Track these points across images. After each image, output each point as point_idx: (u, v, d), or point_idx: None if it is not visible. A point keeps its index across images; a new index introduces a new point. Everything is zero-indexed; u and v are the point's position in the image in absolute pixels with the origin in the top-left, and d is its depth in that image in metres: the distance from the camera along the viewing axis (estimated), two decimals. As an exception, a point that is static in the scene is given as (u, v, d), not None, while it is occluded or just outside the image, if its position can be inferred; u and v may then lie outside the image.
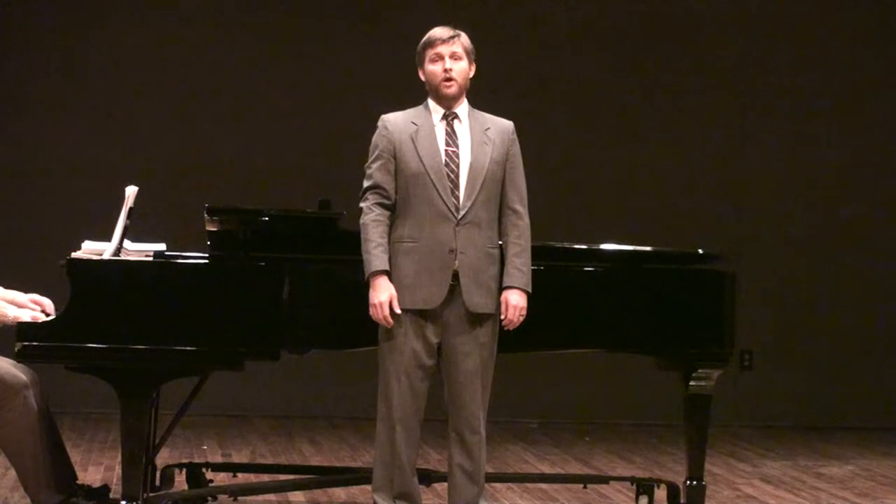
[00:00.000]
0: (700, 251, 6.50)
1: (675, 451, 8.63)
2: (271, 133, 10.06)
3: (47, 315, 5.63)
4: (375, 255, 5.51)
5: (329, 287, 5.83)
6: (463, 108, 5.66)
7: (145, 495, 5.81)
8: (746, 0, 10.49)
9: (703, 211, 10.27)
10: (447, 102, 5.63)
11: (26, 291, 5.75)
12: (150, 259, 5.86)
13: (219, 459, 7.98)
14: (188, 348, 5.62)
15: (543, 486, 7.29)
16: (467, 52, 5.63)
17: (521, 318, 5.60)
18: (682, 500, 6.33)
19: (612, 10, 10.38)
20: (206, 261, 5.98)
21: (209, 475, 6.71)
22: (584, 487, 7.09)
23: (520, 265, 5.61)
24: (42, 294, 5.77)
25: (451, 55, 5.60)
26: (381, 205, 5.57)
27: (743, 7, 10.47)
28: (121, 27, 10.01)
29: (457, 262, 5.53)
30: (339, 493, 6.90)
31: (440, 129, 5.62)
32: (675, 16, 10.42)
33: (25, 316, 5.56)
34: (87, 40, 9.97)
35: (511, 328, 5.62)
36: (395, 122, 5.63)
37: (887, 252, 10.44)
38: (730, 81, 10.43)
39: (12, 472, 6.13)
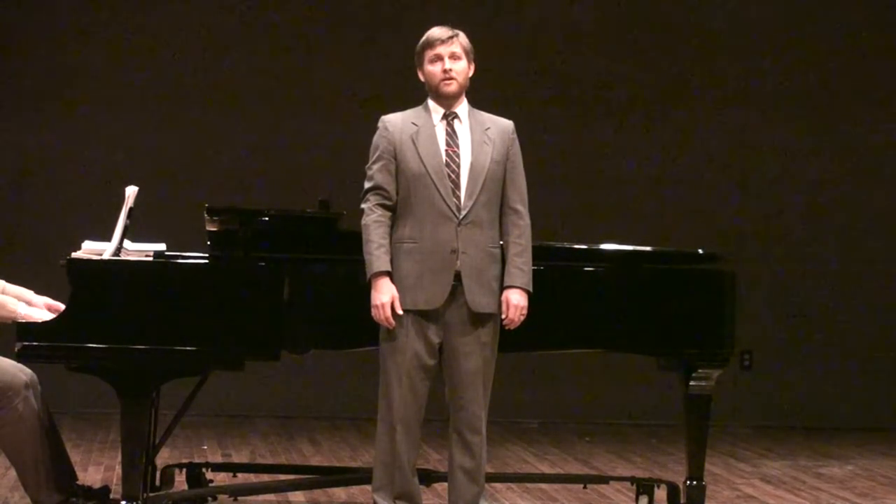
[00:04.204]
0: (700, 251, 6.50)
1: (675, 451, 8.63)
2: (271, 133, 10.06)
3: None
4: (377, 255, 5.51)
5: (329, 287, 5.83)
6: (463, 107, 5.66)
7: (145, 495, 5.80)
8: (747, 0, 10.50)
9: (703, 211, 10.27)
10: (447, 102, 5.62)
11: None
12: (150, 259, 5.86)
13: (219, 459, 7.98)
14: (188, 348, 5.62)
15: (543, 486, 7.29)
16: (466, 52, 5.63)
17: (522, 318, 5.60)
18: (682, 500, 6.33)
19: (613, 9, 10.38)
20: (206, 261, 5.98)
21: (209, 475, 6.71)
22: (584, 487, 7.09)
23: (520, 265, 5.60)
24: (42, 294, 5.77)
25: (450, 55, 5.60)
26: (382, 206, 5.57)
27: (743, 6, 10.47)
28: (121, 27, 10.01)
29: (458, 262, 5.53)
30: (339, 493, 6.90)
31: (440, 129, 5.61)
32: (676, 16, 10.42)
33: (37, 315, 5.56)
34: (87, 40, 9.97)
35: (512, 328, 5.62)
36: (395, 122, 5.63)
37: (887, 252, 10.44)
38: (730, 81, 10.43)
39: (12, 472, 6.13)
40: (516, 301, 5.59)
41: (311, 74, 10.11)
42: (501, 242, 5.64)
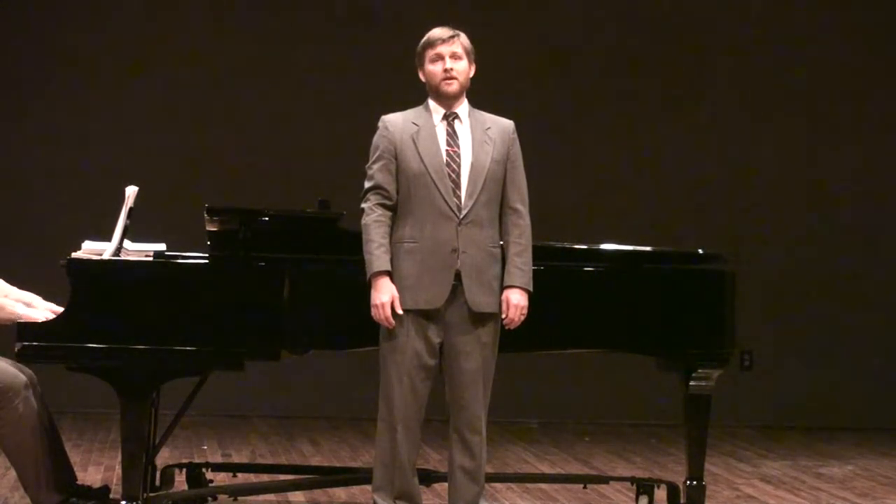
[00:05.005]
0: (700, 251, 6.50)
1: (675, 451, 8.63)
2: (271, 133, 10.06)
3: None
4: (377, 255, 5.51)
5: (329, 287, 5.83)
6: (463, 107, 5.66)
7: (145, 495, 5.81)
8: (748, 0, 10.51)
9: (703, 211, 10.27)
10: (448, 102, 5.63)
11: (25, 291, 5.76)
12: (150, 259, 5.86)
13: (219, 459, 7.98)
14: (188, 348, 5.62)
15: (543, 486, 7.29)
16: (467, 52, 5.63)
17: (522, 318, 5.60)
18: (682, 500, 6.33)
19: (613, 9, 10.38)
20: (206, 261, 5.98)
21: (209, 475, 6.71)
22: (584, 487, 7.09)
23: (520, 264, 5.61)
24: (42, 294, 5.77)
25: (451, 55, 5.60)
26: (382, 205, 5.57)
27: (744, 6, 10.47)
28: (121, 27, 10.02)
29: (459, 261, 5.53)
30: (339, 493, 6.90)
31: (441, 129, 5.61)
32: (676, 15, 10.42)
33: (36, 315, 5.56)
34: (87, 40, 9.97)
35: (512, 328, 5.62)
36: (395, 122, 5.63)
37: (887, 252, 10.44)
38: (730, 81, 10.43)
39: (12, 472, 6.13)
40: (516, 301, 5.59)
41: (311, 74, 10.11)
42: (502, 242, 5.64)
